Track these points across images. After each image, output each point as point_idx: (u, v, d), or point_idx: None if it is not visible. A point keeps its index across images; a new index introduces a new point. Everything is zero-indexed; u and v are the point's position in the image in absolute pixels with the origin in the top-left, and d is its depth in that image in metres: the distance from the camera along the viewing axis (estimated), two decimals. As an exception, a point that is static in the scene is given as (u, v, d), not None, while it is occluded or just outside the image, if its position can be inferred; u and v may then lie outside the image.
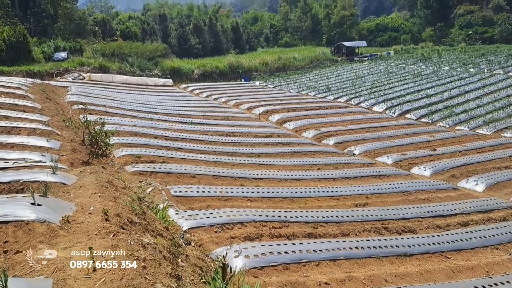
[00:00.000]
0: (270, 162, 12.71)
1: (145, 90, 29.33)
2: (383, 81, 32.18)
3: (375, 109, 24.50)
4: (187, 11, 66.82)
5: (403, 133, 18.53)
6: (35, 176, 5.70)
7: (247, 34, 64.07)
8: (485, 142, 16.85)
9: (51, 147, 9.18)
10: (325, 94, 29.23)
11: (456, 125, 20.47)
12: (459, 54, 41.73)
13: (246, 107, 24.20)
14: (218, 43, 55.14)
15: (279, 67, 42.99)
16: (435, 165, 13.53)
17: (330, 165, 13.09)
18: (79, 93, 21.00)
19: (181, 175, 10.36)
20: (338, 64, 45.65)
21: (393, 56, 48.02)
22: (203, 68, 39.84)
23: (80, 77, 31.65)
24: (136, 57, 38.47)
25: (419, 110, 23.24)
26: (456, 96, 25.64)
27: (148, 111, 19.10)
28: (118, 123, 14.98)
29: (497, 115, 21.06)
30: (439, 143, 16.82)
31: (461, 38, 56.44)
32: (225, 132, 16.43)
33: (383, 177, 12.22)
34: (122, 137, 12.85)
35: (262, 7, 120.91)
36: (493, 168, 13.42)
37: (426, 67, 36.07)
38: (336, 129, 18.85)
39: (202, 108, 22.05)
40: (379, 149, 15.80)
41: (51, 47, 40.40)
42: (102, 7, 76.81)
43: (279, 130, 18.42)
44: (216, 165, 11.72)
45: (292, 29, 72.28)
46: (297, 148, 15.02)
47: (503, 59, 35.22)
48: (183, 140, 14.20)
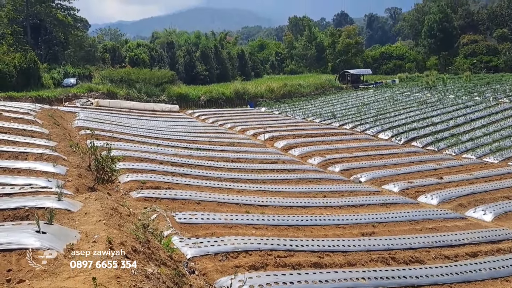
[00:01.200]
0: (276, 189, 12.64)
1: (151, 115, 29.61)
2: (389, 109, 32.29)
3: (380, 136, 24.50)
4: (194, 39, 68.21)
5: (409, 160, 18.43)
6: (40, 202, 5.70)
7: (253, 61, 65.00)
8: (492, 170, 16.70)
9: (58, 173, 9.22)
10: (330, 121, 29.34)
11: (463, 153, 20.36)
12: (464, 83, 41.94)
13: (252, 133, 24.30)
14: (225, 69, 55.90)
15: (285, 93, 43.35)
16: (442, 194, 13.38)
17: (336, 192, 12.99)
18: (86, 119, 21.22)
19: (186, 201, 10.32)
20: (343, 91, 45.98)
21: (398, 83, 48.35)
22: (209, 94, 40.27)
23: (88, 102, 32.06)
24: (143, 83, 39.01)
25: (425, 137, 23.20)
26: (462, 124, 25.62)
27: (155, 137, 19.22)
28: (124, 148, 15.07)
29: (504, 143, 20.96)
30: (446, 171, 16.69)
31: (465, 66, 56.86)
32: (230, 158, 16.43)
33: (389, 206, 12.09)
34: (128, 162, 12.89)
35: (268, 35, 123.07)
36: (501, 197, 13.25)
37: (431, 95, 36.22)
38: (342, 156, 18.79)
39: (208, 134, 22.16)
40: (385, 177, 15.69)
41: (61, 73, 41.17)
42: (112, 34, 78.63)
43: (285, 156, 18.40)
44: (221, 192, 11.68)
45: (297, 56, 73.36)
46: (303, 174, 14.95)
47: (509, 87, 35.33)
48: (189, 166, 14.21)
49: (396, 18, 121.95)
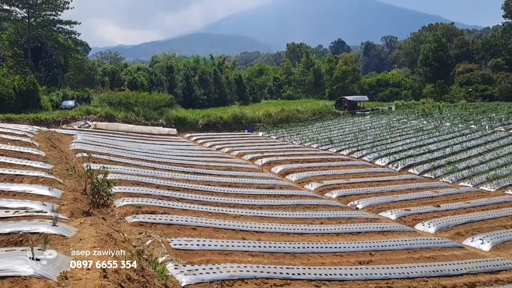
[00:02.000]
0: (272, 215, 12.56)
1: (149, 139, 29.64)
2: (385, 135, 32.47)
3: (377, 163, 24.54)
4: (193, 63, 69.01)
5: (406, 188, 18.42)
6: (35, 227, 5.64)
7: (251, 86, 65.65)
8: (489, 199, 16.69)
9: (53, 196, 9.15)
10: (327, 147, 29.43)
11: (459, 181, 20.38)
12: (460, 111, 42.37)
13: (249, 157, 24.31)
14: (223, 94, 56.36)
15: (282, 118, 43.63)
16: (440, 222, 13.32)
17: (333, 219, 12.91)
18: (84, 141, 21.21)
19: (181, 227, 10.22)
20: (340, 117, 46.33)
21: (394, 111, 48.80)
22: (207, 118, 40.49)
23: (86, 125, 32.13)
24: (142, 106, 39.24)
25: (422, 165, 23.25)
26: (458, 152, 25.74)
27: (151, 160, 19.17)
28: (121, 171, 15.00)
29: (500, 172, 21.02)
30: (443, 199, 16.67)
31: (461, 95, 57.60)
32: (227, 183, 16.37)
33: (387, 233, 12.01)
34: (124, 186, 12.81)
35: (267, 61, 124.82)
36: (498, 226, 13.19)
37: (427, 123, 36.53)
38: (339, 182, 18.77)
39: (205, 158, 22.13)
40: (382, 204, 15.65)
41: (60, 96, 41.43)
42: (112, 58, 79.58)
43: (282, 181, 18.36)
44: (218, 217, 11.58)
45: (295, 82, 74.23)
46: (300, 200, 14.89)
47: (504, 116, 35.70)
48: (185, 190, 14.13)
49: (392, 46, 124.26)
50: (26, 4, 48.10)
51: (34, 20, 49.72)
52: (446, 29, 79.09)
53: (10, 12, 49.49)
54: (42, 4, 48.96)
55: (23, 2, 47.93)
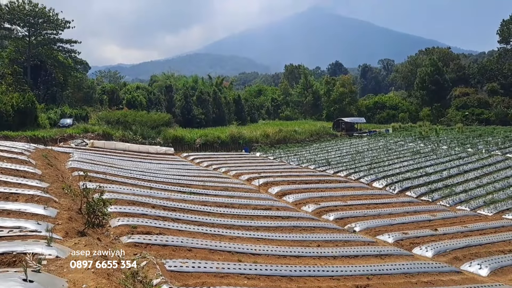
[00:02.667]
0: (269, 237, 12.45)
1: (146, 158, 29.57)
2: (383, 158, 32.53)
3: (375, 185, 24.49)
4: (192, 83, 69.53)
5: (403, 211, 18.34)
6: (29, 248, 5.56)
7: (249, 106, 66.05)
8: (486, 223, 16.63)
9: (48, 215, 9.06)
10: (325, 168, 29.41)
11: (457, 205, 20.33)
12: (457, 134, 42.63)
13: (246, 178, 24.23)
14: (221, 114, 56.63)
15: (280, 139, 43.73)
16: (437, 246, 13.23)
17: (330, 242, 12.81)
18: (80, 160, 21.13)
19: (177, 248, 10.11)
20: (337, 138, 46.50)
21: (391, 133, 49.06)
22: (205, 137, 40.54)
23: (83, 143, 32.09)
24: (140, 125, 39.31)
25: (419, 188, 23.22)
26: (455, 175, 25.76)
27: (148, 179, 19.08)
28: (116, 191, 14.91)
29: (498, 196, 21.01)
30: (440, 223, 16.59)
31: (458, 118, 58.07)
32: (224, 203, 16.27)
33: (384, 257, 11.90)
34: (120, 205, 12.71)
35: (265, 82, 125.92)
36: (496, 251, 13.11)
37: (424, 145, 36.67)
38: (336, 204, 18.68)
39: (202, 178, 22.05)
40: (380, 227, 15.55)
41: (58, 114, 41.51)
42: (111, 77, 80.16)
43: (279, 203, 18.26)
44: (214, 238, 11.47)
45: (293, 103, 74.79)
46: (297, 222, 14.78)
47: (500, 140, 35.92)
48: (181, 211, 14.03)
49: (389, 69, 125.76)
50: (27, 23, 48.68)
51: (34, 39, 50.24)
52: (443, 53, 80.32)
53: (11, 31, 50.05)
54: (43, 23, 49.56)
55: (25, 21, 48.51)
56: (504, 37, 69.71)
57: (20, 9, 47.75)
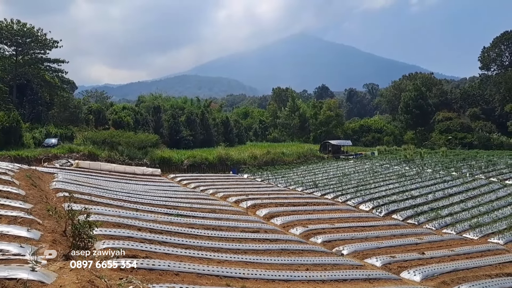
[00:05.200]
0: (257, 260, 12.31)
1: (132, 179, 29.24)
2: (369, 180, 32.74)
3: (361, 208, 24.56)
4: (180, 104, 69.55)
5: (390, 234, 18.37)
6: (12, 273, 5.38)
7: (237, 128, 66.19)
8: (473, 247, 16.72)
9: (31, 238, 8.83)
10: (312, 190, 29.45)
11: (443, 228, 20.46)
12: (441, 158, 43.27)
13: (234, 200, 24.08)
14: (209, 135, 56.57)
15: (268, 161, 43.77)
16: (425, 270, 13.22)
17: (319, 265, 12.71)
18: (65, 180, 20.78)
19: (164, 272, 9.90)
20: (324, 161, 46.74)
21: (377, 156, 49.55)
22: (192, 159, 40.33)
23: (68, 163, 31.61)
24: (126, 146, 38.96)
25: (405, 210, 23.34)
26: (440, 199, 26.01)
27: (134, 201, 18.82)
28: (102, 213, 14.65)
29: (482, 219, 21.22)
30: (427, 246, 16.64)
31: (441, 142, 59.11)
32: (211, 226, 16.10)
33: (373, 281, 11.83)
34: (105, 228, 12.46)
35: (252, 104, 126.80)
36: (483, 275, 13.14)
37: (409, 169, 37.07)
38: (324, 227, 18.63)
39: (189, 200, 21.84)
40: (367, 250, 15.51)
41: (43, 133, 40.94)
42: (98, 97, 79.69)
43: (267, 225, 18.13)
44: (201, 262, 11.29)
45: (280, 125, 75.31)
46: (285, 245, 14.67)
47: (484, 164, 36.55)
48: (168, 233, 13.81)
49: (374, 93, 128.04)
50: (15, 42, 48.43)
51: (21, 58, 49.92)
52: (426, 78, 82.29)
53: (-2, 50, 49.69)
54: (31, 42, 49.36)
55: (12, 41, 48.28)
56: (485, 63, 72.00)
57: (8, 28, 47.55)
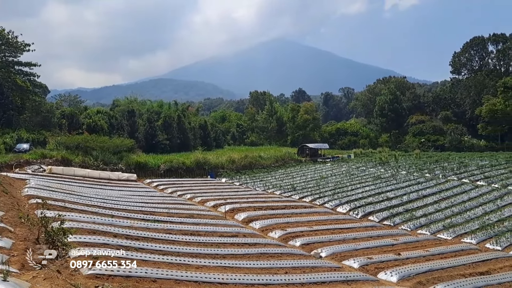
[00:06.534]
0: (236, 265, 12.26)
1: (107, 184, 28.71)
2: (346, 183, 33.12)
3: (339, 210, 24.80)
4: (157, 108, 68.68)
5: (367, 235, 18.60)
6: (-18, 283, 5.18)
7: (214, 132, 65.89)
8: (447, 247, 17.11)
9: (2, 246, 8.52)
10: (290, 193, 29.57)
11: (417, 229, 20.85)
12: (415, 160, 44.19)
13: (212, 204, 23.94)
14: (186, 139, 56.06)
15: (246, 165, 43.70)
16: (401, 271, 13.43)
17: (298, 268, 12.75)
18: (38, 187, 20.22)
19: (141, 279, 9.74)
20: (302, 164, 47.02)
21: (353, 158, 50.21)
22: (169, 163, 39.87)
23: (41, 169, 30.76)
24: (101, 150, 38.19)
25: (381, 212, 23.69)
26: (415, 200, 26.52)
27: (109, 207, 18.49)
28: (76, 219, 14.32)
29: (456, 220, 21.74)
30: (403, 247, 16.93)
31: (415, 144, 60.45)
32: (189, 231, 15.95)
33: (351, 283, 11.95)
34: (80, 235, 12.18)
35: (229, 107, 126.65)
36: (457, 275, 13.45)
37: (385, 171, 37.71)
38: (302, 230, 18.73)
39: (166, 205, 21.58)
40: (345, 252, 15.67)
41: (14, 138, 39.73)
42: (71, 101, 77.91)
43: (245, 229, 18.09)
44: (179, 268, 11.16)
45: (258, 129, 75.43)
46: (264, 249, 14.67)
47: (456, 166, 37.53)
48: (145, 240, 13.61)
49: (350, 97, 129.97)
50: (-16, 45, 46.95)
51: (-9, 61, 48.40)
52: (399, 82, 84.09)
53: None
54: (1, 45, 47.93)
55: (-18, 44, 46.79)
56: (456, 68, 74.19)
57: (-24, 31, 46.06)
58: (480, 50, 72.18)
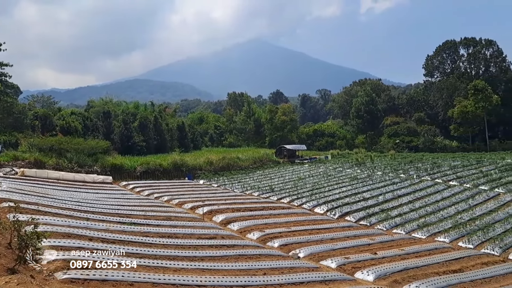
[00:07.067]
0: (215, 267, 12.22)
1: (82, 187, 28.13)
2: (323, 184, 33.46)
3: (316, 211, 25.04)
4: (133, 109, 67.73)
5: (344, 235, 18.86)
6: (-49, 290, 4.99)
7: (192, 133, 65.42)
8: (421, 246, 17.51)
9: (-28, 252, 8.24)
10: (268, 195, 29.66)
11: (393, 228, 21.27)
12: (390, 161, 45.04)
13: (190, 206, 23.77)
14: (163, 141, 55.46)
15: (224, 166, 43.56)
16: (378, 270, 13.67)
17: (276, 269, 12.81)
18: (9, 190, 19.65)
19: (117, 283, 9.62)
20: (280, 165, 47.24)
21: (330, 160, 50.79)
22: (146, 165, 39.34)
23: (13, 172, 29.87)
24: (75, 152, 37.35)
25: (358, 212, 24.05)
26: (390, 200, 27.04)
27: (85, 210, 18.13)
28: (51, 223, 13.99)
29: (429, 219, 22.27)
30: (379, 247, 17.23)
31: (390, 145, 61.65)
32: (167, 234, 15.81)
33: (328, 283, 12.09)
34: (55, 239, 11.90)
35: (207, 109, 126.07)
36: (432, 273, 13.78)
37: (361, 171, 38.30)
38: (281, 231, 18.82)
39: (142, 207, 21.31)
40: (323, 252, 15.84)
41: (-16, 140, 38.44)
42: (44, 102, 76.05)
43: (223, 231, 18.04)
44: (157, 271, 11.04)
45: (236, 130, 75.37)
46: (242, 251, 14.67)
47: (429, 166, 38.46)
48: (121, 243, 13.41)
49: (326, 99, 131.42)
50: (-47, 45, 45.14)
51: (-41, 61, 46.60)
52: (375, 84, 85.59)
53: None
54: (-30, 44, 46.25)
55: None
56: (429, 70, 76.03)
57: None
58: (452, 54, 74.19)
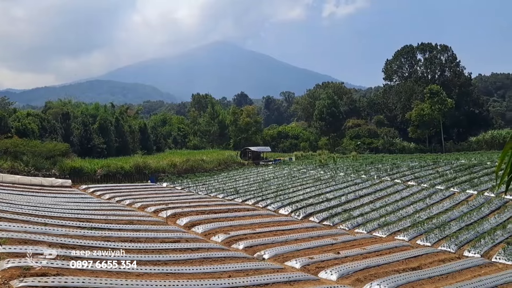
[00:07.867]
0: (179, 271, 12.07)
1: (39, 191, 27.06)
2: (287, 185, 33.80)
3: (281, 212, 25.26)
4: (93, 111, 65.71)
5: (308, 236, 19.13)
6: None
7: (155, 135, 64.29)
8: (382, 245, 18.04)
9: None
10: (233, 197, 29.62)
11: (355, 228, 21.79)
12: (352, 162, 46.12)
13: (153, 209, 23.37)
14: (125, 143, 54.15)
15: (188, 168, 43.12)
16: (341, 269, 13.96)
17: (241, 271, 12.82)
18: (-41, 195, 18.56)
19: (78, 290, 9.28)
20: (245, 167, 47.28)
21: (294, 161, 51.35)
22: (107, 168, 38.32)
23: (-38, 176, 28.28)
24: (32, 155, 35.84)
25: (321, 213, 24.47)
26: (352, 200, 27.69)
27: (42, 215, 17.46)
28: (5, 229, 13.37)
29: (389, 218, 22.99)
30: (342, 246, 17.61)
31: (351, 147, 63.07)
32: (129, 238, 15.46)
33: (293, 283, 12.22)
34: (10, 245, 11.41)
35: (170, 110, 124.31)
36: (392, 271, 14.23)
37: (324, 173, 38.98)
38: (245, 233, 18.86)
39: (103, 211, 20.76)
40: (287, 253, 16.00)
41: None
42: (-2, 103, 72.33)
43: (188, 234, 17.86)
44: (119, 276, 10.78)
45: (200, 132, 74.75)
46: (207, 254, 14.58)
47: (389, 167, 39.69)
48: (81, 248, 12.98)
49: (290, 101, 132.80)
50: None
51: None
52: (337, 87, 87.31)
53: None
54: None
55: None
56: (388, 74, 78.46)
57: None
58: (409, 58, 76.89)
